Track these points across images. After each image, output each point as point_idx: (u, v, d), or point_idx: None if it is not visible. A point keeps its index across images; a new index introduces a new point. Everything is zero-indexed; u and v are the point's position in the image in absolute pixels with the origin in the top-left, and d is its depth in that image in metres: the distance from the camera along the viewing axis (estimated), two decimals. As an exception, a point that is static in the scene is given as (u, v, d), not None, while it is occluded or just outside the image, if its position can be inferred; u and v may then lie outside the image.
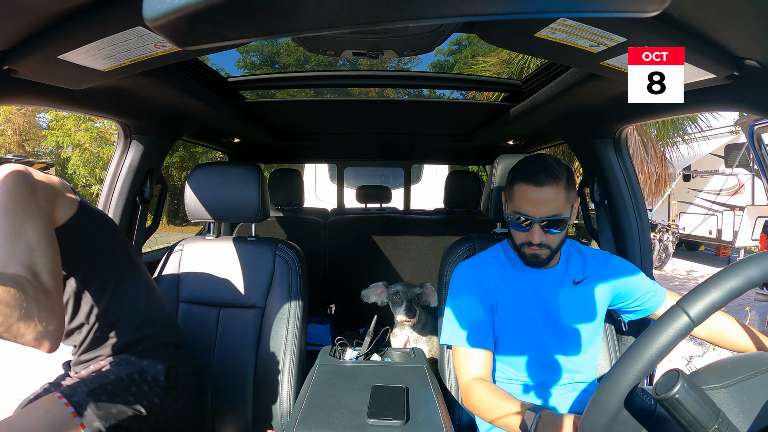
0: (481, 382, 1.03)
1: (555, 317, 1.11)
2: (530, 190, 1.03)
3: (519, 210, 1.06)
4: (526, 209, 1.04)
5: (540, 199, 1.02)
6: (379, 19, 0.34)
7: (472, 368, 1.06)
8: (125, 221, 1.45)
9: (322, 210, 2.81)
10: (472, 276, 1.15)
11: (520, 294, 1.12)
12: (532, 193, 1.03)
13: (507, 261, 1.17)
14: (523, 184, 1.04)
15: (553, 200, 1.02)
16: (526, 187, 1.04)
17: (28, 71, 0.79)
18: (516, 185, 1.06)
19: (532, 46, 0.79)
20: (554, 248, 1.08)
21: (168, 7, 0.32)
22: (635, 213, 1.41)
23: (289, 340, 1.29)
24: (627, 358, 0.53)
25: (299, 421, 0.90)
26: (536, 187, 1.02)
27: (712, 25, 0.67)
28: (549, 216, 1.03)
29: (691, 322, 0.50)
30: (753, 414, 0.53)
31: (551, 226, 1.04)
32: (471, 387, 1.03)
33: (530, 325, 1.11)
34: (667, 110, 1.13)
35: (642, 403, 0.53)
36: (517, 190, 1.06)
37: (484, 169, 3.51)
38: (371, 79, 1.59)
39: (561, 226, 1.05)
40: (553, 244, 1.07)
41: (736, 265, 0.51)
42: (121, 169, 1.43)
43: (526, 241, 1.07)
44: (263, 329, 1.32)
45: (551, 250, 1.08)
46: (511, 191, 1.08)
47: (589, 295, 1.12)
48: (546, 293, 1.12)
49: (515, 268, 1.15)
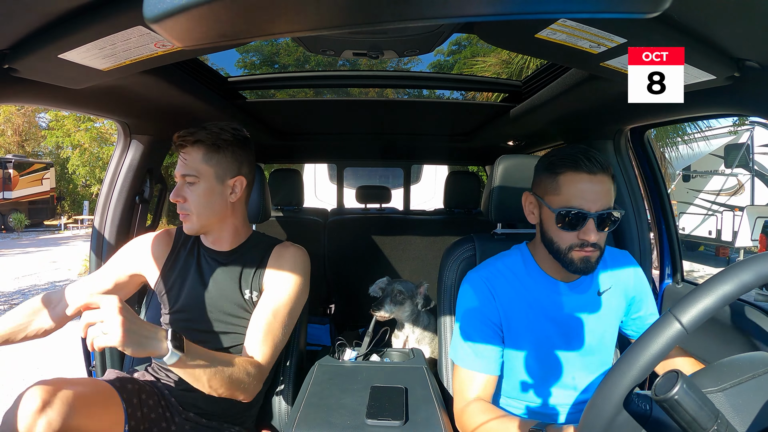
0: (479, 402, 0.95)
1: (575, 337, 1.01)
2: (584, 180, 0.90)
3: (571, 204, 0.90)
4: (580, 203, 0.90)
5: (596, 189, 0.89)
6: (379, 19, 0.34)
7: (471, 391, 0.98)
8: (125, 221, 1.45)
9: (322, 210, 2.81)
10: (482, 290, 1.03)
11: (537, 311, 1.01)
12: (586, 183, 0.89)
13: (525, 271, 1.04)
14: (573, 173, 0.90)
15: (608, 192, 0.91)
16: (578, 176, 0.90)
17: (29, 71, 0.79)
18: (563, 175, 0.91)
19: (533, 47, 0.79)
20: (603, 250, 0.95)
21: (168, 6, 0.32)
22: (635, 213, 1.42)
23: (288, 340, 1.29)
24: (619, 365, 0.53)
25: (298, 421, 0.90)
26: (591, 176, 0.89)
27: (712, 26, 0.67)
28: (605, 210, 0.90)
29: (684, 329, 0.50)
30: (751, 416, 0.53)
31: (606, 222, 0.91)
32: (468, 408, 0.95)
33: (546, 345, 1.02)
34: (668, 112, 1.13)
35: (637, 408, 0.53)
36: (565, 181, 0.91)
37: (484, 170, 3.51)
38: (371, 79, 1.59)
39: (614, 224, 0.92)
40: (603, 244, 0.93)
41: (729, 269, 0.51)
42: (121, 168, 1.43)
43: (578, 242, 0.92)
44: None
45: (601, 252, 0.94)
46: (556, 183, 0.93)
47: (612, 307, 1.03)
48: (568, 309, 1.01)
49: (535, 280, 1.03)
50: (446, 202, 2.44)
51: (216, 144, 1.06)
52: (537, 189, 1.00)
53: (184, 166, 1.06)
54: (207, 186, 1.06)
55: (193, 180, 1.05)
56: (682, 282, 1.37)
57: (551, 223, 0.95)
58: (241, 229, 1.15)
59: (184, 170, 1.06)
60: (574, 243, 0.92)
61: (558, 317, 1.01)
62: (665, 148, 7.07)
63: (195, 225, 1.08)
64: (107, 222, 1.43)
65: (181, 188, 1.07)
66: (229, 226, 1.13)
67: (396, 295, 1.61)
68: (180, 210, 1.07)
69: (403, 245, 2.39)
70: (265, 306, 1.06)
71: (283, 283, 1.09)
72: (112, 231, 1.43)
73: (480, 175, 4.67)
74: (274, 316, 1.05)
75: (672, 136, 7.07)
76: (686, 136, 7.37)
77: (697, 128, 7.28)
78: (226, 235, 1.13)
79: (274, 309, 1.05)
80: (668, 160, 7.14)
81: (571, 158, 0.91)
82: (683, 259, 1.42)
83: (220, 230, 1.12)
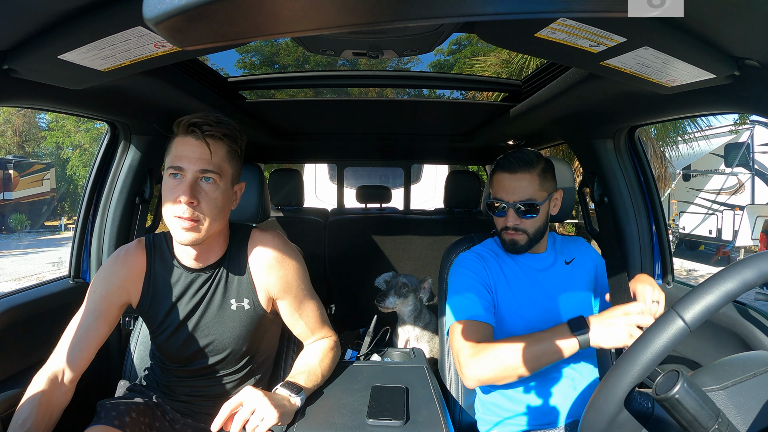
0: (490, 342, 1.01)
1: (554, 296, 1.15)
2: (504, 177, 1.13)
3: (496, 195, 1.15)
4: (501, 195, 1.13)
5: (513, 185, 1.11)
6: (379, 19, 0.34)
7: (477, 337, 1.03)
8: (125, 221, 1.45)
9: (322, 210, 2.81)
10: (474, 260, 1.19)
11: (518, 278, 1.17)
12: (506, 179, 1.13)
13: (501, 250, 1.23)
14: (500, 172, 1.15)
15: (526, 187, 1.11)
16: (501, 174, 1.14)
17: (28, 71, 0.79)
18: (495, 174, 1.17)
19: (532, 46, 0.79)
20: (531, 234, 1.14)
21: (168, 7, 0.32)
22: (635, 213, 1.41)
23: (288, 340, 1.29)
24: (622, 362, 0.53)
25: (299, 421, 0.90)
26: (510, 174, 1.12)
27: (712, 25, 0.67)
28: (522, 200, 1.11)
29: (687, 326, 0.50)
30: (752, 414, 0.53)
31: (525, 210, 1.11)
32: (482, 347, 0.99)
33: (530, 306, 1.14)
34: (668, 111, 1.13)
35: (639, 406, 0.53)
36: (495, 179, 1.16)
37: (484, 169, 3.51)
38: (371, 79, 1.59)
39: (534, 211, 1.12)
40: (529, 229, 1.13)
41: (731, 267, 0.51)
42: (121, 169, 1.43)
43: (504, 226, 1.15)
44: None
45: (528, 236, 1.14)
46: (491, 180, 1.18)
47: (582, 273, 1.21)
48: (542, 275, 1.18)
49: (510, 256, 1.21)
50: (446, 202, 2.44)
51: (237, 142, 0.95)
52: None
53: (207, 161, 0.89)
54: (225, 188, 0.94)
55: (216, 179, 0.91)
56: (673, 282, 1.36)
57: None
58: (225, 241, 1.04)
59: (206, 165, 0.89)
60: (503, 226, 1.15)
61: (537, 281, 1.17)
62: (665, 147, 7.06)
63: (202, 234, 0.91)
64: (107, 223, 1.43)
65: (195, 187, 0.89)
66: (220, 237, 1.01)
67: (400, 287, 1.63)
68: (186, 215, 0.88)
69: (404, 245, 2.39)
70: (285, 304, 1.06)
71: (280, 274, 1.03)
72: (112, 232, 1.43)
73: (480, 174, 4.67)
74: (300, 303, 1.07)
75: (672, 135, 7.07)
76: (686, 135, 7.37)
77: (697, 127, 7.27)
78: (214, 247, 1.01)
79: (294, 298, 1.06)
80: (668, 159, 7.13)
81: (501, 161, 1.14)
82: (684, 259, 1.42)
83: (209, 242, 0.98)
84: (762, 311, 1.04)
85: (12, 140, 15.65)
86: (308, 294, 1.10)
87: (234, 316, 1.03)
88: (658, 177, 6.78)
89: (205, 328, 1.03)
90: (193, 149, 0.90)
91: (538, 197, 1.12)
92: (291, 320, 1.09)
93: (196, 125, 0.89)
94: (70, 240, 1.46)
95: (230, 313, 1.03)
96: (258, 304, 1.04)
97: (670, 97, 0.92)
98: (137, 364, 1.30)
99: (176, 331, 1.02)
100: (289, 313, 1.08)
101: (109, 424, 0.95)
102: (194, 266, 1.01)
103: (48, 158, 15.48)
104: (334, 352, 1.11)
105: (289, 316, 1.08)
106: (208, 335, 1.04)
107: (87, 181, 1.46)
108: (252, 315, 1.05)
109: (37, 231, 13.17)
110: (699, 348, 1.14)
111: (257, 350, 1.12)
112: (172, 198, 0.89)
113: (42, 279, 6.53)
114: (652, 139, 6.78)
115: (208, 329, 1.03)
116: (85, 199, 1.43)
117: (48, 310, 1.24)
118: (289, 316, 1.09)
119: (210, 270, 1.01)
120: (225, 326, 1.04)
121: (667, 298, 1.18)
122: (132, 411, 1.00)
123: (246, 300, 1.03)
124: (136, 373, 1.29)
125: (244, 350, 1.08)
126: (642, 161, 1.43)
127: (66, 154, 11.34)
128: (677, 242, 8.66)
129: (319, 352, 1.08)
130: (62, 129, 10.14)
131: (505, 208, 1.13)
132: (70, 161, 11.06)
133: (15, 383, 1.09)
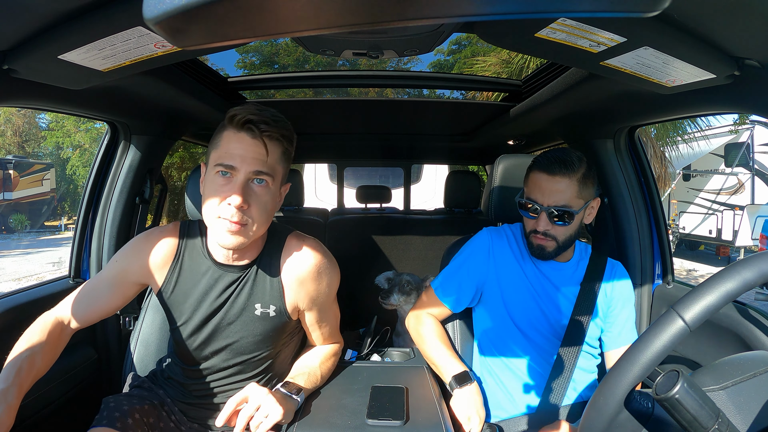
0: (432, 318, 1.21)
1: (556, 308, 1.12)
2: (542, 178, 1.05)
3: (530, 196, 1.08)
4: (536, 196, 1.06)
5: (550, 187, 1.04)
6: (379, 19, 0.34)
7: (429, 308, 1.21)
8: (125, 221, 1.45)
9: (322, 210, 2.81)
10: (483, 248, 1.18)
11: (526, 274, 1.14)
12: (543, 181, 1.05)
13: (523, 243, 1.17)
14: (537, 171, 1.07)
15: (564, 191, 1.03)
16: (539, 174, 1.06)
17: (28, 71, 0.79)
18: (531, 173, 1.09)
19: (532, 46, 0.79)
20: (561, 242, 1.08)
21: (168, 7, 0.32)
22: (635, 213, 1.41)
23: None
24: (622, 363, 0.53)
25: (299, 421, 0.90)
26: (548, 176, 1.04)
27: (712, 25, 0.67)
28: (557, 206, 1.03)
29: (687, 326, 0.50)
30: (752, 414, 0.53)
31: (558, 216, 1.04)
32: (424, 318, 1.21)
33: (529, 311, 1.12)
34: (668, 111, 1.13)
35: (639, 406, 0.53)
36: (531, 177, 1.09)
37: (484, 169, 3.51)
38: (371, 79, 1.59)
39: (568, 219, 1.05)
40: (560, 236, 1.07)
41: (732, 267, 0.50)
42: (121, 169, 1.43)
43: (533, 229, 1.08)
44: None
45: (557, 244, 1.08)
46: (527, 178, 1.11)
47: (591, 299, 1.12)
48: (551, 285, 1.13)
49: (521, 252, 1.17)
50: (446, 202, 2.44)
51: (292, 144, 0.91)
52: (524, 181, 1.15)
53: (263, 162, 0.84)
54: (275, 191, 0.90)
55: (268, 181, 0.86)
56: (673, 283, 1.36)
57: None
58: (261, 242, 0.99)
59: (261, 166, 0.84)
60: (532, 229, 1.09)
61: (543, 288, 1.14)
62: (665, 147, 7.06)
63: (249, 239, 0.87)
64: (107, 223, 1.43)
65: (247, 189, 0.84)
66: (258, 238, 0.96)
67: (404, 285, 1.63)
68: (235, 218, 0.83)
69: (404, 245, 2.39)
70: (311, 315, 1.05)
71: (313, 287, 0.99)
72: (112, 232, 1.43)
73: (480, 174, 4.67)
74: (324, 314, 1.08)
75: (672, 135, 7.06)
76: (686, 135, 7.37)
77: (697, 127, 7.27)
78: (250, 248, 0.95)
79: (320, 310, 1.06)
80: (668, 159, 7.13)
81: (541, 159, 1.07)
82: (684, 259, 1.42)
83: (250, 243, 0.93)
84: (762, 311, 1.04)
85: (12, 140, 15.66)
86: (334, 305, 1.10)
87: (257, 321, 0.98)
88: (658, 177, 6.78)
89: (227, 328, 0.98)
90: (247, 148, 0.83)
91: (574, 205, 1.04)
92: (311, 328, 1.09)
93: (252, 122, 0.83)
94: (70, 240, 1.46)
95: (253, 317, 0.98)
96: (284, 311, 0.99)
97: (670, 97, 0.92)
98: (137, 365, 1.29)
99: (196, 327, 0.98)
100: (311, 323, 1.07)
101: (112, 426, 0.93)
102: (225, 262, 0.96)
103: (48, 158, 15.48)
104: (336, 357, 1.12)
105: (310, 325, 1.08)
106: (228, 336, 0.99)
107: (87, 181, 1.46)
108: (276, 322, 1.00)
109: (37, 231, 13.18)
110: (699, 348, 1.14)
111: (278, 355, 1.09)
112: (219, 198, 0.84)
113: (42, 279, 6.53)
114: (652, 139, 6.78)
115: (229, 330, 0.98)
116: (85, 199, 1.43)
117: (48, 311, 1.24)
118: (310, 325, 1.08)
119: (240, 270, 0.96)
120: (247, 330, 0.99)
121: (667, 298, 1.18)
122: (135, 412, 0.97)
123: (273, 307, 0.98)
124: (136, 375, 1.28)
125: (265, 355, 1.04)
126: (642, 161, 1.43)
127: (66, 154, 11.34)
128: (677, 242, 8.66)
129: (322, 355, 1.09)
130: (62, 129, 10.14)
131: (537, 210, 1.06)
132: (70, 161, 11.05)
133: None
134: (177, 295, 0.98)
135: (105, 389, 1.41)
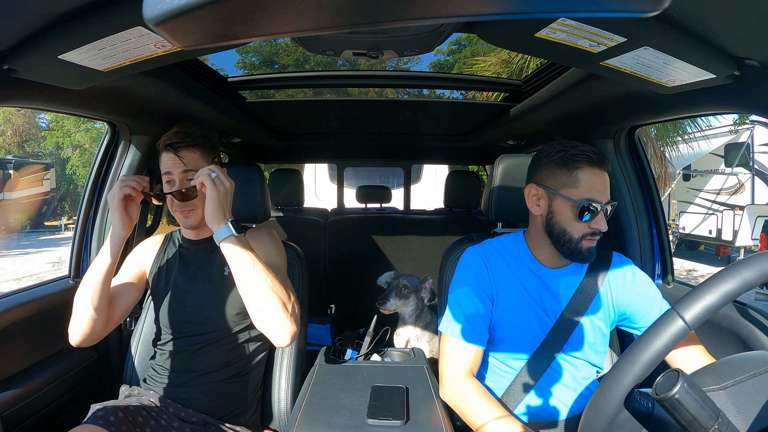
0: (470, 378, 0.99)
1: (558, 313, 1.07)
2: (596, 174, 0.96)
3: (587, 196, 0.95)
4: (595, 194, 0.96)
5: (605, 182, 0.97)
6: (379, 19, 0.34)
7: (460, 362, 1.02)
8: (125, 221, 1.45)
9: (322, 210, 2.81)
10: (477, 263, 1.10)
11: (525, 287, 1.07)
12: (597, 177, 0.96)
13: (518, 253, 1.11)
14: (587, 167, 0.96)
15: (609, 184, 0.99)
16: (591, 170, 0.96)
17: (28, 71, 0.79)
18: (579, 171, 0.96)
19: (532, 46, 0.79)
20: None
21: (168, 7, 0.32)
22: (635, 213, 1.41)
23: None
24: (622, 363, 0.53)
25: (299, 421, 0.90)
26: (600, 171, 0.96)
27: (712, 25, 0.67)
28: (611, 201, 0.98)
29: (687, 326, 0.50)
30: (752, 414, 0.53)
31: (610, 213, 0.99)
32: (457, 381, 0.99)
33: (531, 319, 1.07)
34: (668, 111, 1.13)
35: (639, 406, 0.53)
36: (581, 176, 0.96)
37: (484, 169, 3.51)
38: (371, 79, 1.59)
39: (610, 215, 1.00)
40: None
41: (732, 267, 0.51)
42: (121, 169, 1.43)
43: (590, 232, 0.97)
44: None
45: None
46: (573, 176, 0.97)
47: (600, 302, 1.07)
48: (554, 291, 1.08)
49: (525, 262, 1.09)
50: (446, 202, 2.44)
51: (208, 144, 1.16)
52: (547, 181, 1.02)
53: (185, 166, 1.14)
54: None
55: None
56: (673, 283, 1.36)
57: (565, 213, 0.99)
58: None
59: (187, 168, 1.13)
60: (587, 232, 0.98)
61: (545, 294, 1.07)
62: (665, 147, 7.06)
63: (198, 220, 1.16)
64: (107, 223, 1.43)
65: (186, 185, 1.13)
66: None
67: (401, 289, 1.63)
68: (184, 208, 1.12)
69: (404, 245, 2.39)
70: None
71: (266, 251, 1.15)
72: (113, 232, 1.43)
73: (480, 174, 4.67)
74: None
75: (672, 135, 7.07)
76: (686, 135, 7.37)
77: (697, 127, 7.27)
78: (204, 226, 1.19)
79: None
80: (668, 159, 7.14)
81: (583, 154, 0.97)
82: (684, 259, 1.42)
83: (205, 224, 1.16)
84: (762, 311, 1.03)
85: (12, 140, 15.65)
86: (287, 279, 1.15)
87: (227, 282, 1.14)
88: (658, 177, 6.78)
89: (201, 291, 1.15)
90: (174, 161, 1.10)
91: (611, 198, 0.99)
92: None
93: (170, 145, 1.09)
94: (70, 240, 1.46)
95: (223, 278, 1.15)
96: None
97: (670, 97, 0.92)
98: (138, 366, 1.29)
99: (175, 293, 1.15)
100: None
101: (94, 423, 0.96)
102: (194, 238, 1.21)
103: (48, 158, 15.48)
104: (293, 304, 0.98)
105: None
106: (203, 299, 1.14)
107: (87, 181, 1.46)
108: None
109: (37, 231, 13.18)
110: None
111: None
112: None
113: (42, 279, 6.53)
114: (652, 139, 6.78)
115: (203, 292, 1.14)
116: (85, 199, 1.43)
117: (48, 310, 1.24)
118: None
119: (207, 242, 1.19)
120: (220, 291, 1.14)
121: (667, 298, 1.18)
122: (119, 410, 1.01)
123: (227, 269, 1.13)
124: (137, 376, 1.28)
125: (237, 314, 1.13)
126: (642, 161, 1.43)
127: (66, 154, 11.35)
128: (677, 242, 8.66)
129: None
130: (62, 129, 10.15)
131: (596, 210, 0.96)
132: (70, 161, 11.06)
133: (15, 383, 1.09)
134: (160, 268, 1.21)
135: (105, 390, 1.41)
